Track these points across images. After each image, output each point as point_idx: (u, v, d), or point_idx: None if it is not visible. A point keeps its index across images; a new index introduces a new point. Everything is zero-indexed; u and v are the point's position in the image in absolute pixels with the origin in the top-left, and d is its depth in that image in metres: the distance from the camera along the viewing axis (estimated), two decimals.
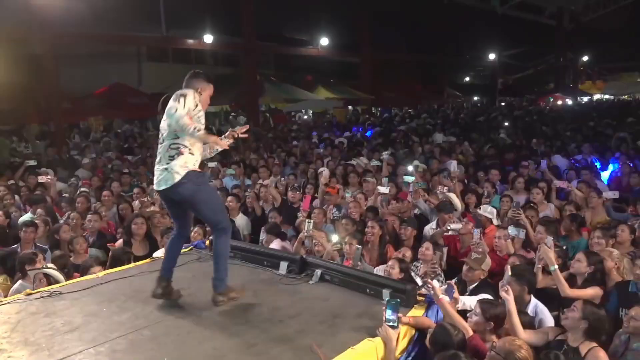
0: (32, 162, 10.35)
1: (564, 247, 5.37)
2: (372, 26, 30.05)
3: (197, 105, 3.80)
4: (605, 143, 12.77)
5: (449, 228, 5.68)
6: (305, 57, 30.96)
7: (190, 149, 3.76)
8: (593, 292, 4.31)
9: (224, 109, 27.87)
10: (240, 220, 7.37)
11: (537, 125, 18.97)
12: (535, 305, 4.16)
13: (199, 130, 3.66)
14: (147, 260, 5.16)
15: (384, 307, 3.35)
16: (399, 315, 3.33)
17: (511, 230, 5.43)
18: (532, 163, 9.78)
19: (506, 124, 19.33)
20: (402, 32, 32.52)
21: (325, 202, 7.45)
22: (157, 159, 3.83)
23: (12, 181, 9.22)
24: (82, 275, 4.96)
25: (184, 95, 3.66)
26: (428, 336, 3.29)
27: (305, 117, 30.15)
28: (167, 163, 3.72)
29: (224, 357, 3.19)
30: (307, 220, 5.53)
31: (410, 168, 8.70)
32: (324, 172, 7.93)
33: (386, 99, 31.56)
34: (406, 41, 34.58)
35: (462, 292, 4.36)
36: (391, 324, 3.27)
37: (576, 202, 6.83)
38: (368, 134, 17.87)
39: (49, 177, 8.53)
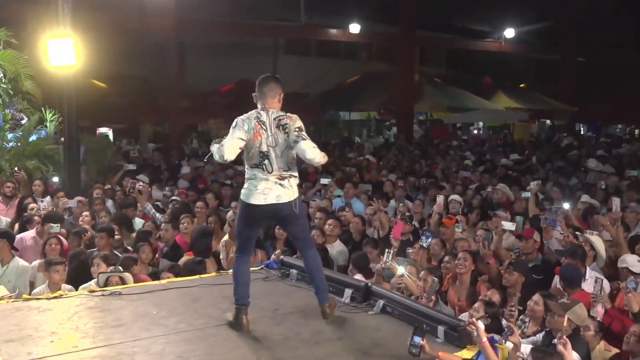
0: (132, 167, 12.56)
1: None
2: (583, 14, 29.32)
3: None
4: None
5: None
6: (489, 54, 31.31)
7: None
8: None
9: (372, 115, 29.27)
10: (337, 249, 8.38)
11: None
12: None
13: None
14: (214, 274, 6.48)
15: (411, 332, 4.17)
16: (423, 343, 4.11)
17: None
18: None
19: None
20: (625, 22, 30.98)
21: (439, 234, 8.21)
22: (273, 172, 4.90)
23: (108, 186, 11.34)
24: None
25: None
26: None
27: (476, 131, 30.41)
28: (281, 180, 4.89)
29: None
30: (387, 250, 6.39)
31: (566, 206, 9.09)
32: (438, 199, 8.67)
33: (595, 112, 30.50)
34: (633, 35, 32.93)
35: (548, 344, 4.93)
36: (413, 350, 4.07)
37: None
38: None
39: (141, 184, 10.41)
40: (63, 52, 9.80)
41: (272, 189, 4.81)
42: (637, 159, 17.62)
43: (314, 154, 4.81)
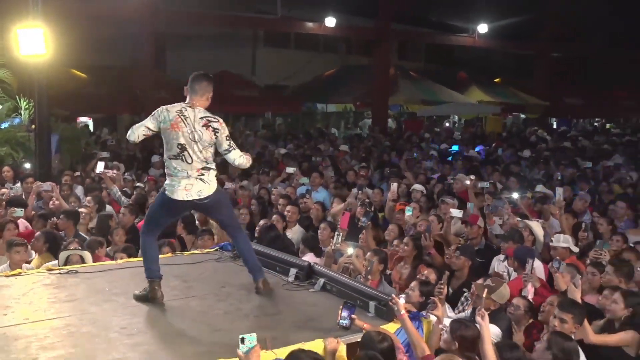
0: (105, 154, 12.73)
1: None
2: (557, 8, 29.54)
3: None
4: None
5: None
6: (465, 48, 31.65)
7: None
8: (624, 337, 4.92)
9: (349, 108, 29.49)
10: (296, 232, 8.65)
11: None
12: None
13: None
14: (169, 254, 6.73)
15: (340, 307, 4.43)
16: (353, 317, 4.42)
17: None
18: None
19: None
20: (598, 16, 31.16)
21: (393, 220, 8.51)
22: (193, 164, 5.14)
23: (77, 173, 11.50)
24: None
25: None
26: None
27: (447, 124, 30.74)
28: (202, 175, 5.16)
29: (184, 334, 4.52)
30: (336, 233, 6.68)
31: (515, 196, 9.42)
32: (392, 186, 8.98)
33: (567, 106, 30.96)
34: (606, 30, 33.21)
35: (473, 319, 5.23)
36: (342, 322, 4.38)
37: None
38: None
39: (114, 171, 10.61)
40: (33, 41, 9.91)
41: (194, 185, 5.12)
42: (601, 151, 18.03)
43: (241, 161, 5.37)
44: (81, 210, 8.42)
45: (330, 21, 24.28)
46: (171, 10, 21.35)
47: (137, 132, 5.18)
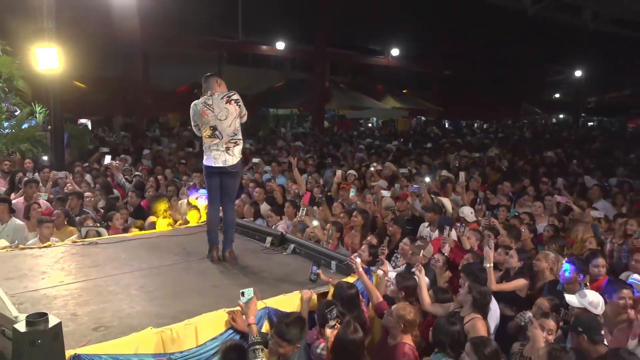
0: (106, 150, 12.27)
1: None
2: (449, 38, 30.31)
3: None
4: None
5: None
6: (381, 67, 31.96)
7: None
8: (517, 283, 5.12)
9: (294, 112, 29.44)
10: (264, 207, 8.60)
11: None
12: None
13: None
14: (169, 228, 6.57)
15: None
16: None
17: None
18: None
19: None
20: (481, 44, 32.23)
21: (339, 198, 8.55)
22: (223, 139, 5.04)
23: (86, 164, 11.08)
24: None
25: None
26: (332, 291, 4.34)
27: (370, 124, 31.08)
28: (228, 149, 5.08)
29: (191, 290, 4.42)
30: (301, 208, 6.69)
31: (427, 180, 9.62)
32: (338, 172, 9.04)
33: (456, 111, 31.81)
34: (486, 54, 34.23)
35: (408, 272, 5.32)
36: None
37: (561, 215, 7.46)
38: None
39: (117, 162, 10.27)
40: (48, 58, 9.45)
41: (221, 156, 5.08)
42: (483, 145, 18.62)
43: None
44: (87, 193, 8.15)
45: (280, 45, 24.25)
46: (155, 33, 20.87)
47: (196, 132, 5.26)
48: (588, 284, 5.12)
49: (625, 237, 6.47)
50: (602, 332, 3.94)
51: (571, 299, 4.39)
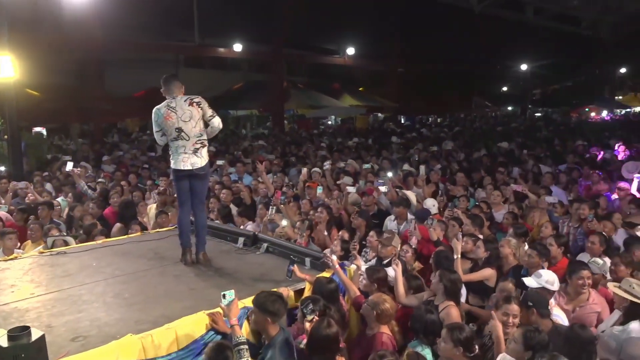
0: (68, 158, 11.88)
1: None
2: (402, 36, 30.70)
3: None
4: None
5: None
6: (337, 66, 32.06)
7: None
8: (484, 273, 5.24)
9: (253, 112, 29.22)
10: (232, 209, 8.50)
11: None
12: None
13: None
14: (139, 233, 6.42)
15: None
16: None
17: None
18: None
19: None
20: (432, 42, 32.74)
21: (306, 196, 8.54)
22: (190, 140, 4.94)
23: (45, 173, 10.68)
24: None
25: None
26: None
27: (330, 122, 31.20)
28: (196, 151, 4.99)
29: (170, 294, 4.33)
30: (271, 206, 6.66)
31: (390, 174, 9.72)
32: (304, 170, 9.04)
33: (411, 107, 32.27)
34: (437, 51, 34.82)
35: (379, 265, 5.39)
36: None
37: (518, 202, 7.70)
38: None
39: (79, 169, 9.93)
40: (2, 66, 9.06)
41: (189, 158, 5.01)
42: (438, 138, 18.94)
43: (220, 126, 5.17)
44: (54, 202, 7.87)
45: (237, 47, 23.96)
46: (110, 39, 20.31)
47: (157, 139, 5.13)
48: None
49: (581, 221, 6.72)
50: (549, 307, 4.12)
51: (529, 281, 4.57)
